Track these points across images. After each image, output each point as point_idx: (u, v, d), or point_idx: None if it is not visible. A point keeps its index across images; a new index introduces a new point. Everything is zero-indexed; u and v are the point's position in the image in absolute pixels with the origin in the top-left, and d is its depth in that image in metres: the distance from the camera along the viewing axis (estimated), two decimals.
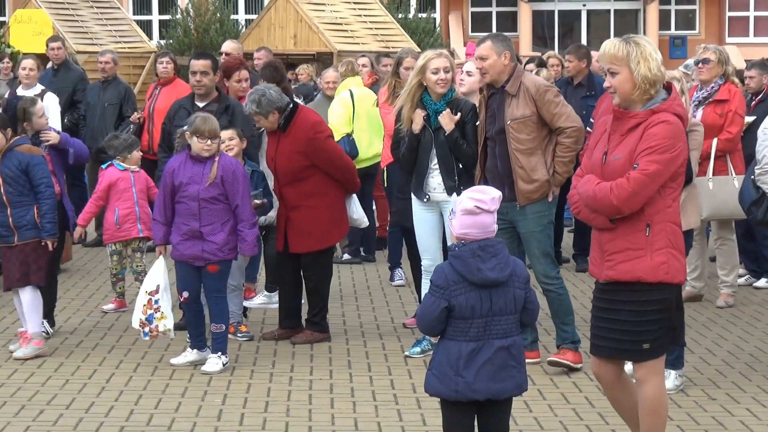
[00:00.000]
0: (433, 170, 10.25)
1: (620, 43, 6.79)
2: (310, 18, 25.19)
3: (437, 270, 6.38)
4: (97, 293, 13.20)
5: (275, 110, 10.67)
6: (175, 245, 9.99)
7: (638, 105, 6.79)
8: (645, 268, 6.72)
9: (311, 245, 10.88)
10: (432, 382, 6.35)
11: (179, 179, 9.90)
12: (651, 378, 6.88)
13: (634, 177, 6.59)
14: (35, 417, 8.63)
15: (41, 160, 10.41)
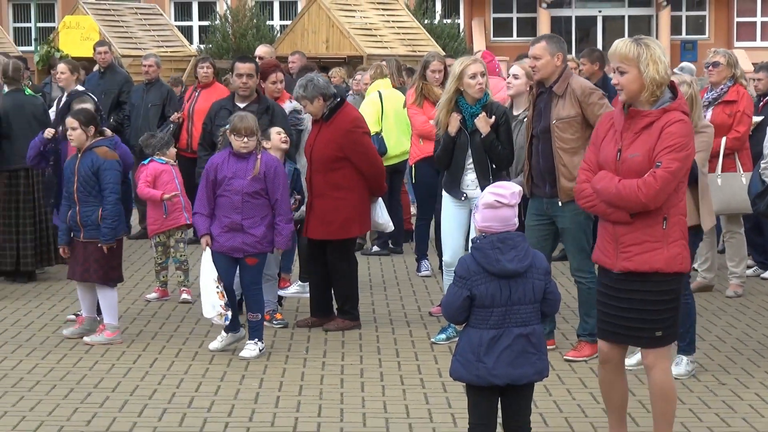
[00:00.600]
0: (468, 170, 10.24)
1: (632, 44, 6.77)
2: (342, 23, 25.19)
3: (460, 261, 6.40)
4: (141, 283, 13.23)
5: (320, 95, 10.75)
6: (215, 237, 9.99)
7: (645, 104, 6.78)
8: (662, 259, 6.72)
9: (329, 233, 10.88)
10: (456, 368, 6.35)
11: (223, 174, 9.92)
12: (659, 363, 6.89)
13: (661, 175, 6.58)
14: (83, 399, 8.66)
15: (112, 166, 10.37)
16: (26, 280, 13.20)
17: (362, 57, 23.58)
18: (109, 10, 27.33)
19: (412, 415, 8.31)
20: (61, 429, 7.94)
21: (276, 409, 8.44)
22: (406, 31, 26.27)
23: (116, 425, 8.04)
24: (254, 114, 10.69)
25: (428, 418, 8.23)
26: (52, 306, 11.97)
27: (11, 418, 8.20)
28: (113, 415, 8.27)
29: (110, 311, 10.52)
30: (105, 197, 10.34)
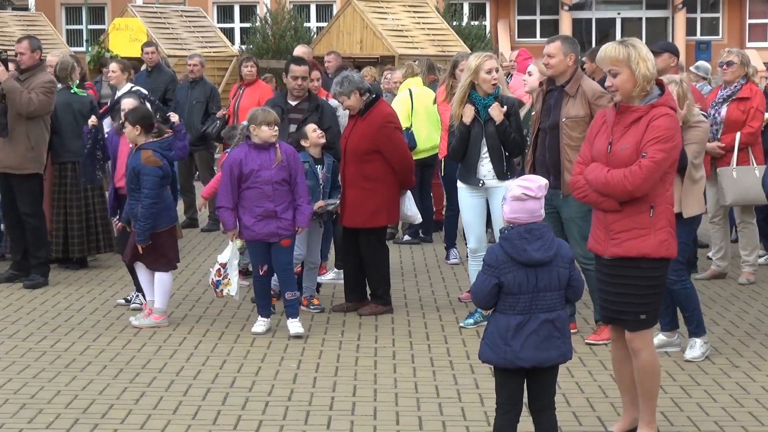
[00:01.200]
0: (484, 159, 10.23)
1: (620, 47, 6.84)
2: (375, 25, 25.19)
3: (489, 251, 6.38)
4: (186, 270, 13.23)
5: (356, 90, 10.79)
6: (249, 227, 10.02)
7: (636, 100, 6.83)
8: (650, 245, 6.77)
9: (359, 222, 10.90)
10: (484, 351, 6.34)
11: (249, 167, 9.96)
12: (645, 345, 6.93)
13: (646, 164, 6.65)
14: (132, 379, 8.67)
15: (151, 172, 10.35)
16: (78, 266, 13.25)
17: (394, 57, 23.57)
18: (156, 12, 27.43)
19: (442, 395, 8.30)
20: (112, 407, 7.96)
21: (313, 389, 8.44)
22: (436, 32, 26.25)
23: (163, 404, 8.05)
24: (305, 112, 11.08)
25: (457, 398, 8.21)
26: (102, 291, 12.01)
27: (64, 396, 8.22)
28: (160, 395, 8.28)
29: (161, 296, 10.55)
30: (142, 201, 10.38)
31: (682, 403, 8.03)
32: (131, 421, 7.66)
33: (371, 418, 7.73)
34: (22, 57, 12.30)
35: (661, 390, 8.28)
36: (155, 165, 10.41)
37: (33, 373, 8.84)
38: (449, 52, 22.17)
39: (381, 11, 26.34)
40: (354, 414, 7.83)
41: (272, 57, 28.60)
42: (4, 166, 12.15)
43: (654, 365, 6.97)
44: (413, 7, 28.06)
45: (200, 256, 14.25)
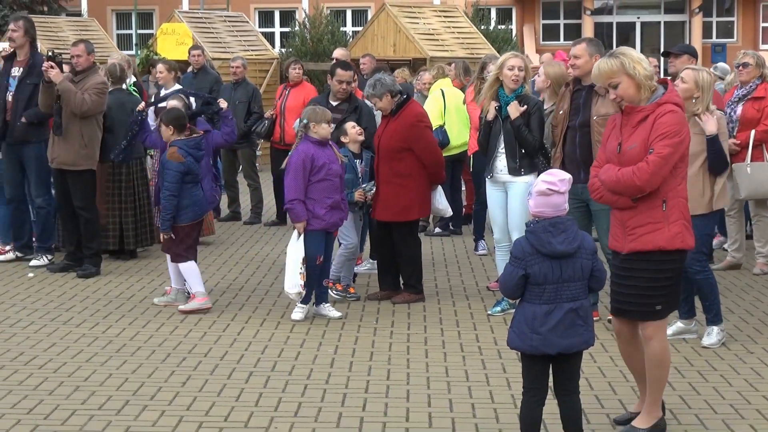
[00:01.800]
0: (500, 153, 10.22)
1: (611, 59, 6.78)
2: (407, 29, 25.16)
3: (516, 243, 6.36)
4: (229, 260, 13.28)
5: (387, 92, 10.82)
6: (320, 216, 10.08)
7: (644, 101, 6.76)
8: (664, 237, 6.71)
9: (391, 216, 10.90)
10: (512, 338, 6.32)
11: (321, 161, 10.07)
12: (657, 335, 6.86)
13: (652, 160, 6.60)
14: (178, 364, 8.69)
15: (172, 167, 10.45)
16: (129, 257, 13.30)
17: (426, 59, 23.54)
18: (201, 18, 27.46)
19: (471, 379, 8.28)
20: (160, 389, 7.98)
21: (349, 373, 8.44)
22: (465, 36, 26.19)
23: (208, 386, 8.07)
24: (344, 112, 11.23)
25: (485, 382, 8.19)
26: (151, 281, 12.05)
27: (116, 379, 8.25)
28: (205, 378, 8.30)
29: (194, 281, 10.63)
30: (162, 192, 10.50)
31: (699, 387, 8.00)
32: (178, 402, 7.68)
33: (404, 401, 7.72)
34: (78, 59, 12.34)
35: (679, 374, 8.29)
36: (178, 161, 10.49)
37: (86, 358, 8.88)
38: (478, 55, 22.10)
39: (413, 16, 26.31)
40: (388, 396, 7.83)
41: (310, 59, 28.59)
42: (60, 162, 12.21)
43: (664, 355, 6.92)
44: (444, 12, 28.06)
45: (243, 247, 14.28)
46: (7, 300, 11.04)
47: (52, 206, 12.82)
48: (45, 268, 12.61)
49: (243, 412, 7.47)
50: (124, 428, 7.12)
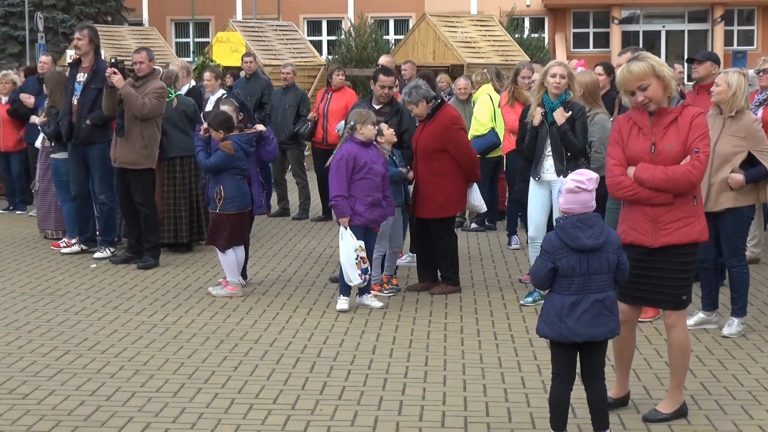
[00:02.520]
0: (547, 156, 10.15)
1: (640, 63, 6.67)
2: (446, 37, 25.13)
3: (546, 238, 6.34)
4: (279, 253, 13.31)
5: (423, 99, 10.81)
6: (361, 213, 10.08)
7: (665, 102, 6.71)
8: (698, 230, 6.72)
9: (430, 213, 10.89)
10: (542, 327, 6.30)
11: (363, 160, 10.10)
12: (680, 323, 6.83)
13: (703, 158, 6.58)
14: (231, 349, 8.72)
15: (221, 153, 10.68)
16: (184, 250, 13.35)
17: (463, 66, 23.50)
18: (253, 27, 27.54)
19: (504, 365, 8.26)
20: (213, 373, 8.00)
21: (390, 359, 8.44)
22: (500, 44, 26.13)
23: (258, 371, 8.09)
24: (386, 115, 11.24)
25: (517, 368, 8.17)
26: (206, 272, 12.09)
27: (172, 364, 8.28)
28: (255, 363, 8.31)
29: (229, 270, 10.73)
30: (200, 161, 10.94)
31: (719, 375, 7.95)
32: (230, 386, 7.70)
33: (441, 385, 7.71)
34: (140, 66, 12.40)
35: (700, 362, 8.24)
36: (228, 151, 10.60)
37: (145, 344, 8.92)
38: (512, 61, 22.06)
39: (451, 25, 26.29)
40: (426, 382, 7.82)
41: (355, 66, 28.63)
42: (122, 161, 12.27)
43: (686, 341, 6.89)
44: (480, 21, 28.01)
45: (291, 241, 14.30)
46: (73, 289, 11.12)
47: (114, 202, 12.90)
48: (108, 260, 12.68)
49: (290, 395, 7.48)
50: (180, 409, 7.15)
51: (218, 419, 6.95)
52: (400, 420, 6.94)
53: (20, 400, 7.36)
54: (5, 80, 16.93)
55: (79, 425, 6.82)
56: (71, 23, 41.78)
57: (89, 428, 6.76)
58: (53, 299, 10.65)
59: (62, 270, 12.21)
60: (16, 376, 7.93)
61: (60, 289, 11.16)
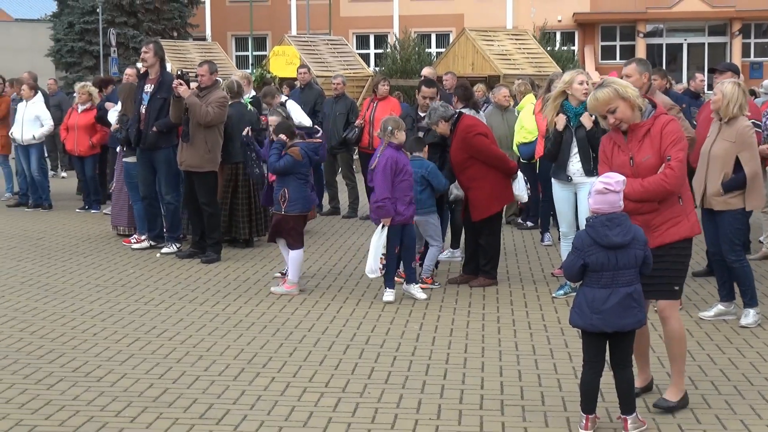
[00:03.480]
0: (574, 158, 10.05)
1: (605, 89, 6.58)
2: (484, 50, 25.09)
3: (577, 236, 6.30)
4: (330, 249, 13.33)
5: (441, 119, 10.92)
6: (401, 212, 10.10)
7: (638, 117, 6.62)
8: (686, 228, 6.62)
9: (478, 215, 10.88)
10: (574, 317, 6.25)
11: (402, 163, 10.15)
12: (673, 314, 6.72)
13: (675, 165, 6.48)
14: (286, 337, 8.73)
15: (289, 158, 10.57)
16: (244, 246, 13.40)
17: (499, 76, 23.43)
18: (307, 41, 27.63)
19: (538, 353, 8.22)
20: (270, 359, 8.02)
21: (432, 347, 8.42)
22: (534, 56, 26.06)
23: (311, 357, 8.09)
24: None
25: (550, 355, 8.13)
26: (263, 266, 12.12)
27: (233, 350, 8.31)
28: (309, 349, 8.32)
29: (293, 269, 10.67)
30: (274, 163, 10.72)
31: (737, 362, 7.86)
32: (286, 370, 7.71)
33: (479, 371, 7.68)
34: (202, 78, 12.46)
35: (719, 351, 8.17)
36: (296, 157, 10.60)
37: (208, 331, 8.95)
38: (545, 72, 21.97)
39: (489, 39, 26.24)
40: (465, 367, 7.79)
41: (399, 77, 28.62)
42: (187, 165, 12.34)
43: (682, 331, 6.77)
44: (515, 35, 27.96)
45: (341, 238, 14.33)
46: (142, 282, 11.18)
47: (179, 202, 12.96)
48: (174, 255, 12.75)
49: (341, 379, 7.48)
50: (240, 391, 7.16)
51: (275, 401, 6.96)
52: (442, 402, 6.92)
53: (95, 382, 7.41)
54: (83, 91, 17.13)
55: (149, 405, 6.86)
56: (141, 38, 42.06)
57: (158, 409, 6.79)
58: (125, 290, 10.72)
59: (133, 264, 12.29)
60: (92, 361, 7.99)
61: (131, 281, 11.23)
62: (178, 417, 6.62)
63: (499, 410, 6.76)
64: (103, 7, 42.61)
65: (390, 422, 6.51)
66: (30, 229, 15.30)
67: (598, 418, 6.35)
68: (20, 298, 10.36)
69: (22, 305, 10.01)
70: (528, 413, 6.69)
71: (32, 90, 17.64)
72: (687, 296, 10.12)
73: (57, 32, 46.74)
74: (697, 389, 7.17)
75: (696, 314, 9.41)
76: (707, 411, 6.72)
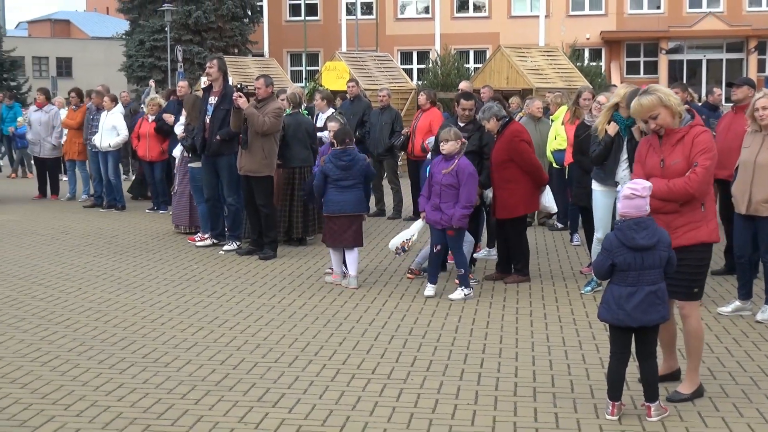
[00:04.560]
0: (623, 164, 9.77)
1: (649, 96, 6.53)
2: (518, 65, 24.96)
3: (606, 238, 6.27)
4: (376, 247, 13.32)
5: (494, 116, 10.88)
6: (428, 211, 10.14)
7: (676, 125, 6.55)
8: (705, 233, 6.52)
9: (505, 213, 10.86)
10: (602, 312, 6.21)
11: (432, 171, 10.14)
12: (693, 313, 6.64)
13: (700, 171, 6.40)
14: (336, 328, 8.74)
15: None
16: (298, 244, 13.43)
17: (532, 89, 23.33)
18: (356, 57, 27.65)
19: (567, 344, 8.17)
20: (322, 348, 8.03)
21: (470, 338, 8.40)
22: (564, 71, 25.89)
23: (359, 346, 8.09)
24: (470, 132, 11.05)
25: (578, 347, 8.08)
26: (315, 262, 12.13)
27: (287, 339, 8.33)
28: (357, 339, 8.32)
29: (352, 265, 10.66)
30: None
31: (753, 355, 7.77)
32: (336, 359, 7.71)
33: (513, 360, 7.65)
34: (259, 90, 12.51)
35: (736, 344, 8.09)
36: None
37: (265, 322, 8.98)
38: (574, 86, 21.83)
39: (522, 55, 26.12)
40: (500, 357, 7.76)
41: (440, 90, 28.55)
42: (246, 170, 12.38)
43: (700, 330, 6.69)
44: (547, 52, 27.80)
45: (387, 237, 14.28)
46: (205, 276, 11.24)
47: (240, 204, 13.01)
48: (234, 252, 12.80)
49: (386, 366, 7.48)
50: (294, 377, 7.18)
51: (326, 386, 6.97)
52: (479, 389, 6.90)
53: (163, 367, 7.45)
54: (153, 103, 17.28)
55: (211, 389, 6.89)
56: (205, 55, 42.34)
57: (219, 392, 6.82)
58: (189, 284, 10.77)
59: (197, 260, 12.35)
60: (159, 348, 8.04)
61: (195, 275, 11.29)
62: (238, 400, 6.64)
63: (531, 397, 6.72)
64: (170, 27, 42.95)
65: (431, 406, 6.50)
66: (104, 228, 15.43)
67: (623, 405, 6.31)
68: (95, 290, 10.45)
69: (97, 297, 10.09)
70: (558, 400, 6.66)
71: (113, 102, 17.88)
72: (707, 293, 10.01)
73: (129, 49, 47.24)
74: (716, 379, 7.10)
75: (715, 310, 9.32)
76: (725, 399, 6.65)
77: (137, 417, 6.28)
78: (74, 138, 18.76)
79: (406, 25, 49.91)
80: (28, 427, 6.08)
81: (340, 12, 47.80)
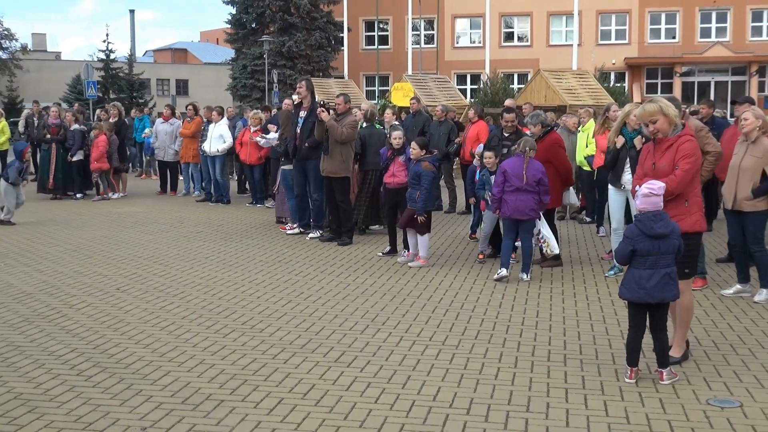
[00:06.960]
0: (627, 171, 9.74)
1: (652, 104, 6.44)
2: (554, 86, 24.72)
3: (628, 228, 6.16)
4: (434, 236, 13.21)
5: (540, 123, 10.86)
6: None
7: (670, 133, 6.44)
8: (688, 224, 6.39)
9: None
10: (623, 291, 6.10)
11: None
12: (686, 289, 6.49)
13: (679, 173, 6.33)
14: (401, 302, 8.69)
15: (428, 174, 10.59)
16: (360, 233, 13.41)
17: (566, 106, 23.06)
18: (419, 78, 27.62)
19: (593, 318, 8.06)
20: (388, 318, 8.00)
21: (511, 312, 8.32)
22: (593, 90, 25.57)
23: (419, 318, 8.05)
24: (513, 141, 10.98)
25: (602, 320, 7.96)
26: (375, 248, 12.10)
27: (360, 311, 8.32)
28: (417, 312, 8.28)
29: (423, 248, 10.69)
30: (421, 190, 10.55)
31: (751, 330, 7.59)
32: (400, 327, 7.68)
33: (547, 331, 7.56)
34: (339, 106, 12.52)
35: (737, 320, 7.89)
36: (431, 170, 10.59)
37: (342, 296, 8.99)
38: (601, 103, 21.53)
39: (558, 77, 25.87)
40: (537, 328, 7.67)
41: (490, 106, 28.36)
42: (328, 172, 12.40)
43: (691, 304, 6.57)
44: (579, 74, 27.50)
45: (442, 228, 14.24)
46: (294, 258, 11.28)
47: (323, 199, 13.03)
48: (318, 239, 12.83)
49: (441, 335, 7.44)
50: (365, 342, 7.17)
51: (391, 350, 6.94)
52: (518, 355, 6.82)
53: (258, 333, 7.49)
54: (255, 117, 17.40)
55: (297, 351, 6.91)
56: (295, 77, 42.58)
57: (303, 354, 6.84)
58: (280, 265, 10.83)
59: (287, 245, 12.41)
60: (255, 317, 8.08)
61: (285, 258, 11.34)
62: (319, 361, 6.65)
63: (562, 362, 6.63)
64: (268, 54, 43.30)
65: (478, 369, 6.45)
66: (212, 218, 15.58)
67: (640, 371, 6.20)
68: (204, 269, 10.55)
69: (206, 275, 10.19)
70: (585, 365, 6.56)
71: (219, 115, 18.08)
72: (711, 278, 9.83)
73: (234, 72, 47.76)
74: (719, 350, 6.94)
75: (718, 292, 9.12)
76: (727, 367, 6.49)
77: (236, 373, 6.32)
78: (189, 144, 18.96)
79: (462, 53, 49.91)
80: (149, 380, 6.16)
81: (407, 42, 47.79)
